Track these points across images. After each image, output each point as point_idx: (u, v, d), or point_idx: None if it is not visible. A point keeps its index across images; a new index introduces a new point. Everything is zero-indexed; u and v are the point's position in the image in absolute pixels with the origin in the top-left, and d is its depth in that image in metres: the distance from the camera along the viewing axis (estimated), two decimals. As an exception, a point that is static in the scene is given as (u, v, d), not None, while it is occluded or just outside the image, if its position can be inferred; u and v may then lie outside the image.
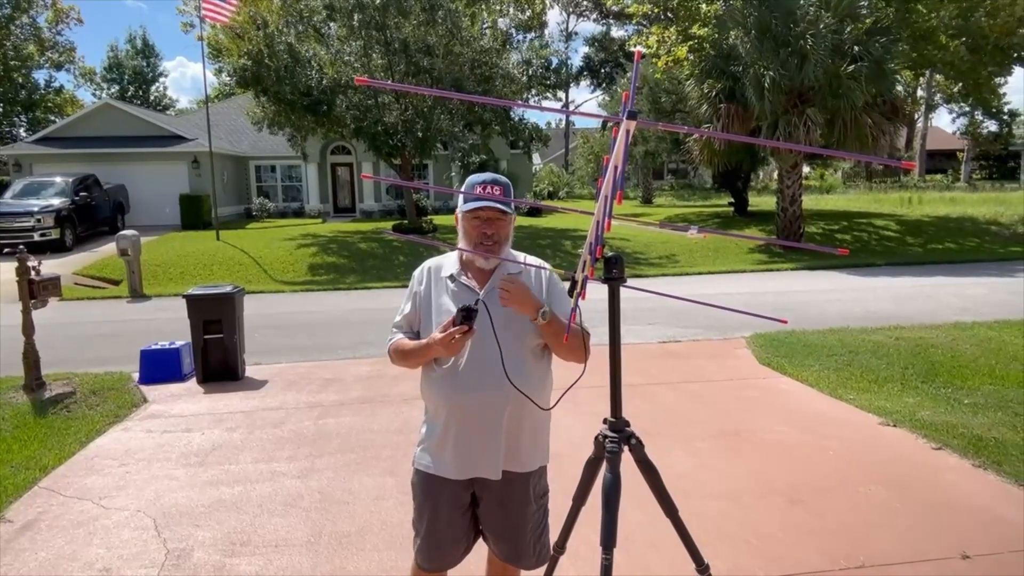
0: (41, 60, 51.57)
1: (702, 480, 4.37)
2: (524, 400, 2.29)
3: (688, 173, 47.29)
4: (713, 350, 8.01)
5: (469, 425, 2.31)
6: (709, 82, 17.83)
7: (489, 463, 2.33)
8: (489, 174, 2.36)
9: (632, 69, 1.99)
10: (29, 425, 5.87)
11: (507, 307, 2.25)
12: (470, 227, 2.31)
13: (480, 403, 2.29)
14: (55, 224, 18.33)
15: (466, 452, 2.33)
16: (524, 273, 2.41)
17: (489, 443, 2.31)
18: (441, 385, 2.33)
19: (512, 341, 2.29)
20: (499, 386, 2.25)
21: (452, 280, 2.37)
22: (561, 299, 2.41)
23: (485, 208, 2.27)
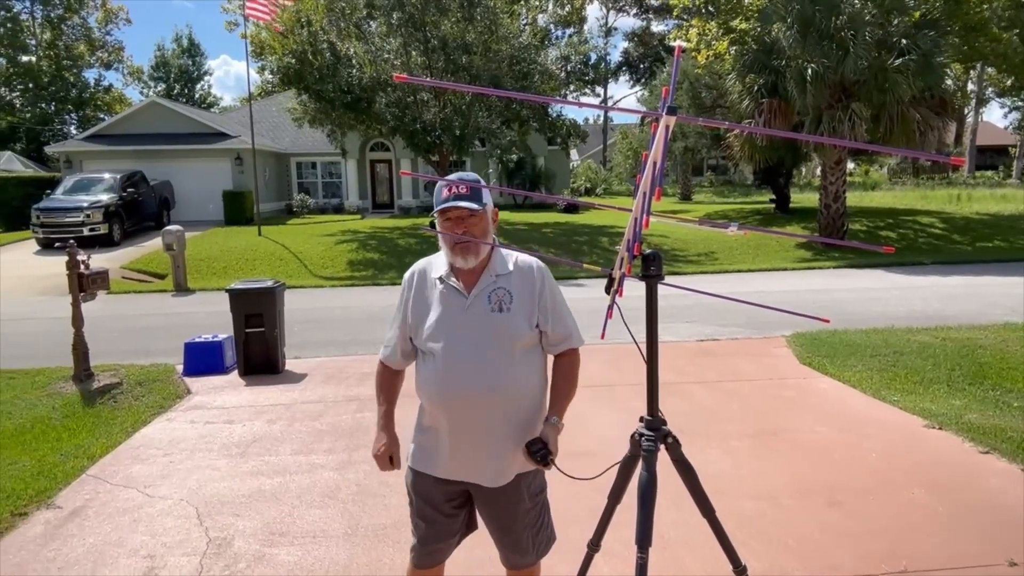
0: (91, 59, 53.08)
1: (738, 480, 4.32)
2: (515, 402, 2.26)
3: (728, 169, 46.66)
4: (752, 349, 7.90)
5: (460, 428, 2.27)
6: (751, 77, 17.55)
7: (483, 470, 2.30)
8: (458, 174, 2.30)
9: (672, 64, 1.97)
10: (78, 414, 6.05)
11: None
12: (443, 229, 2.26)
13: (469, 407, 2.24)
14: (104, 219, 18.82)
15: (458, 455, 2.30)
16: (516, 273, 2.33)
17: (481, 449, 2.27)
18: (431, 385, 2.29)
19: (500, 343, 2.24)
20: (487, 390, 2.22)
21: (441, 282, 2.31)
22: (556, 301, 2.36)
23: (452, 208, 2.22)
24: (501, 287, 2.29)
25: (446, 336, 2.25)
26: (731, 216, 25.01)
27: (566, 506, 3.79)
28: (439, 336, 2.26)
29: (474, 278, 2.29)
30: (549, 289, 2.35)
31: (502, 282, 2.29)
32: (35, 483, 4.47)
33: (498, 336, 2.24)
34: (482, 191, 2.26)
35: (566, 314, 2.40)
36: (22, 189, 23.66)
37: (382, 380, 2.50)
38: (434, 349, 2.26)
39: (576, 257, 17.03)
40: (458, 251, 2.24)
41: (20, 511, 4.10)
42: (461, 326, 2.25)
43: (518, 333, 2.27)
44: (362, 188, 29.61)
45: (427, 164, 21.80)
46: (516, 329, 2.26)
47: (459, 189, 2.22)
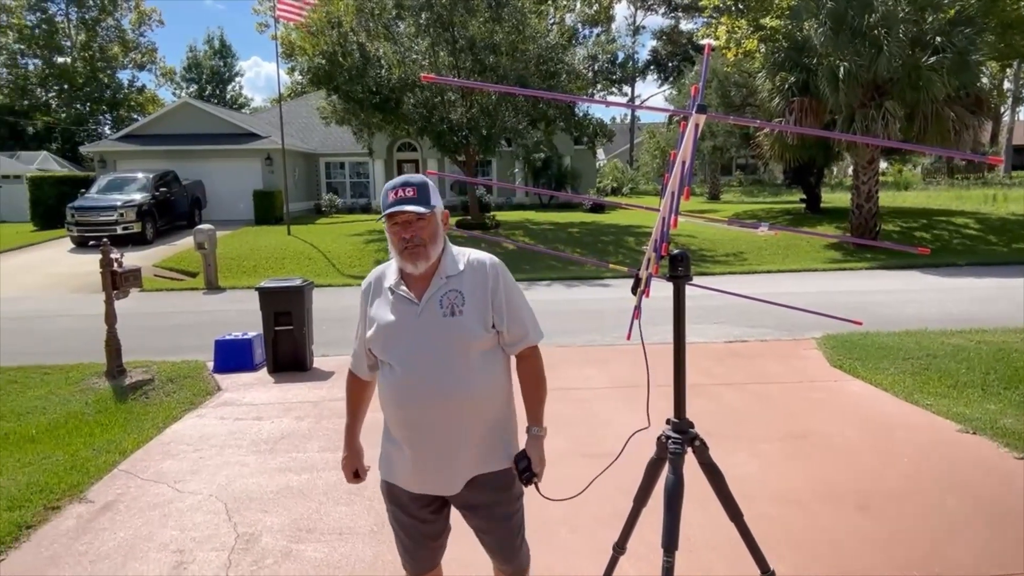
0: (125, 60, 54.09)
1: (766, 483, 4.26)
2: (477, 407, 2.20)
3: (758, 168, 46.18)
4: (781, 351, 7.80)
5: (419, 438, 2.20)
6: (781, 75, 17.34)
7: (442, 480, 2.23)
8: (403, 176, 2.21)
9: (701, 62, 1.95)
10: (110, 410, 6.16)
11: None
12: (391, 235, 2.18)
13: (426, 416, 2.17)
14: (137, 218, 19.15)
15: (419, 466, 2.23)
16: (468, 272, 2.24)
17: (441, 459, 2.20)
18: (389, 396, 2.23)
19: (455, 348, 2.16)
20: (443, 399, 2.15)
21: (391, 292, 2.24)
22: (511, 297, 2.27)
23: (398, 213, 2.13)
24: (453, 289, 2.20)
25: (400, 346, 2.18)
26: (760, 216, 24.74)
27: (591, 508, 3.78)
28: (393, 346, 2.20)
29: (424, 283, 2.20)
30: (504, 286, 2.26)
31: (453, 283, 2.20)
32: (68, 477, 4.55)
33: (452, 341, 2.16)
34: (430, 193, 2.17)
35: (523, 310, 2.31)
36: (57, 188, 24.15)
37: (350, 390, 2.48)
38: (390, 360, 2.21)
39: (602, 257, 16.97)
40: (407, 256, 2.16)
41: (53, 504, 4.18)
42: (414, 334, 2.17)
43: (472, 336, 2.17)
44: (389, 188, 29.74)
45: (453, 164, 21.88)
46: (470, 332, 2.17)
47: (405, 193, 2.15)
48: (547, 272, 15.24)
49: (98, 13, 51.88)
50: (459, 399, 2.16)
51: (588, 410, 5.76)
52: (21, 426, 5.78)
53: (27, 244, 20.24)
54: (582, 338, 8.72)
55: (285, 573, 3.40)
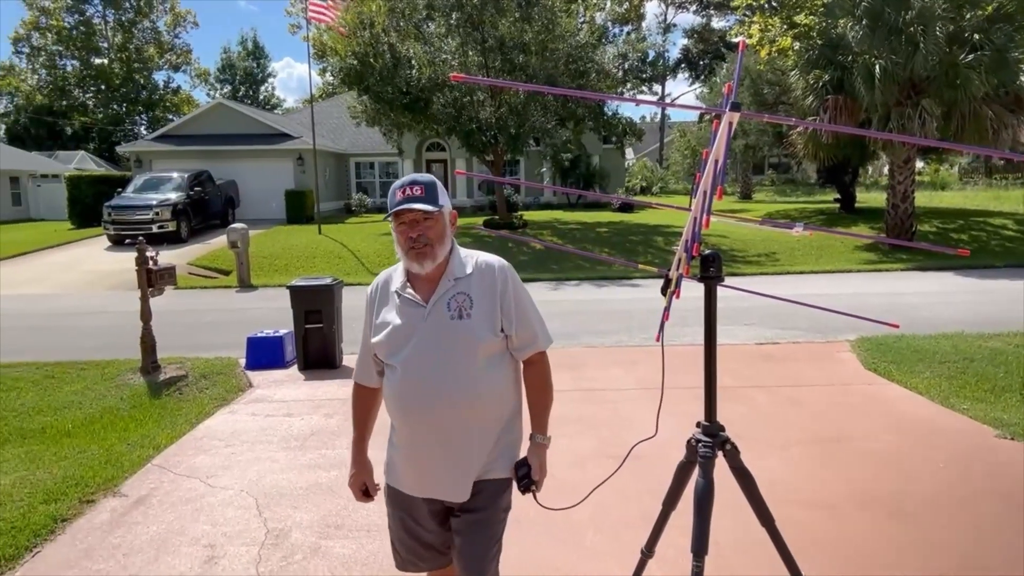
0: (160, 62, 55.11)
1: (797, 488, 4.20)
2: (483, 412, 2.15)
3: (791, 168, 45.59)
4: (814, 353, 7.69)
5: (425, 442, 2.16)
6: (815, 73, 17.09)
7: (449, 486, 2.17)
8: (410, 175, 2.16)
9: (733, 60, 1.92)
10: (145, 405, 6.27)
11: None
12: (397, 234, 2.14)
13: (431, 421, 2.13)
14: (172, 217, 19.47)
15: (425, 471, 2.19)
16: (476, 275, 2.19)
17: (448, 464, 2.15)
18: (394, 400, 2.19)
19: (462, 351, 2.12)
20: (449, 403, 2.10)
21: (398, 295, 2.19)
22: (520, 301, 2.22)
23: (405, 211, 2.09)
24: (461, 292, 2.15)
25: (406, 349, 2.14)
26: (793, 216, 24.41)
27: (619, 511, 3.76)
28: (399, 349, 2.15)
29: (432, 285, 2.16)
30: (513, 289, 2.20)
31: (461, 286, 2.16)
32: (103, 471, 4.64)
33: (460, 345, 2.11)
34: (438, 192, 2.14)
35: (532, 315, 2.25)
36: (94, 187, 24.65)
37: (356, 402, 2.41)
38: (395, 363, 2.16)
39: (631, 257, 16.87)
40: (413, 256, 2.12)
41: (88, 498, 4.26)
42: (421, 337, 2.12)
43: (481, 340, 2.12)
44: (418, 187, 29.91)
45: (482, 164, 21.92)
46: (478, 336, 2.12)
47: (412, 191, 2.10)
48: (575, 272, 15.20)
49: (134, 15, 52.94)
50: (465, 403, 2.11)
51: (615, 411, 5.73)
52: (58, 420, 5.91)
53: (65, 242, 20.70)
54: (610, 339, 8.68)
55: (314, 569, 3.43)
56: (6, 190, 32.74)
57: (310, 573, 3.40)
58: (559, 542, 3.52)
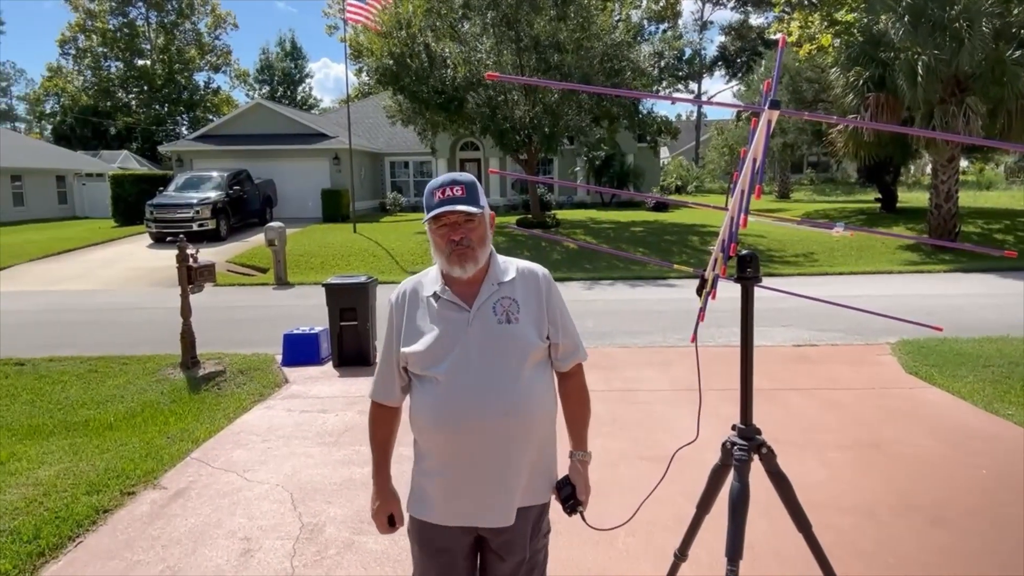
0: (201, 63, 56.21)
1: (835, 493, 4.12)
2: (533, 425, 2.01)
3: (830, 166, 44.80)
4: (853, 356, 7.54)
5: (471, 462, 1.98)
6: (856, 70, 16.77)
7: (498, 510, 2.00)
8: (448, 175, 2.04)
9: (771, 57, 1.89)
10: (184, 400, 6.39)
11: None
12: (437, 237, 2.01)
13: (479, 436, 1.95)
14: (211, 215, 19.82)
15: (469, 495, 2.00)
16: (519, 280, 2.08)
17: (491, 485, 1.99)
18: (432, 415, 1.99)
19: (512, 358, 1.99)
20: (501, 415, 1.94)
21: (436, 298, 2.04)
22: (563, 310, 2.13)
23: (447, 213, 1.97)
24: (506, 296, 2.03)
25: (449, 357, 1.97)
26: (832, 215, 23.99)
27: (652, 513, 3.72)
28: (440, 357, 1.97)
29: (474, 289, 2.03)
30: (556, 296, 2.12)
31: (506, 290, 2.04)
32: (143, 464, 4.74)
33: (509, 350, 1.98)
34: (479, 192, 2.01)
35: (571, 325, 2.16)
36: (137, 186, 25.20)
37: (376, 424, 2.19)
38: (435, 374, 1.97)
39: (665, 257, 16.73)
40: (455, 259, 1.98)
41: (129, 490, 4.36)
42: (465, 343, 1.97)
43: (530, 345, 2.01)
44: (452, 186, 30.09)
45: (515, 163, 21.92)
46: (528, 341, 2.00)
47: (453, 191, 1.98)
48: (608, 272, 15.12)
49: (176, 17, 54.06)
50: (518, 415, 1.97)
51: (648, 412, 5.68)
52: (101, 414, 6.06)
53: (108, 240, 21.20)
54: (644, 339, 8.62)
55: (347, 564, 3.46)
56: (52, 189, 33.68)
57: (343, 568, 3.44)
58: (591, 543, 3.50)
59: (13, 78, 72.57)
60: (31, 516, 3.94)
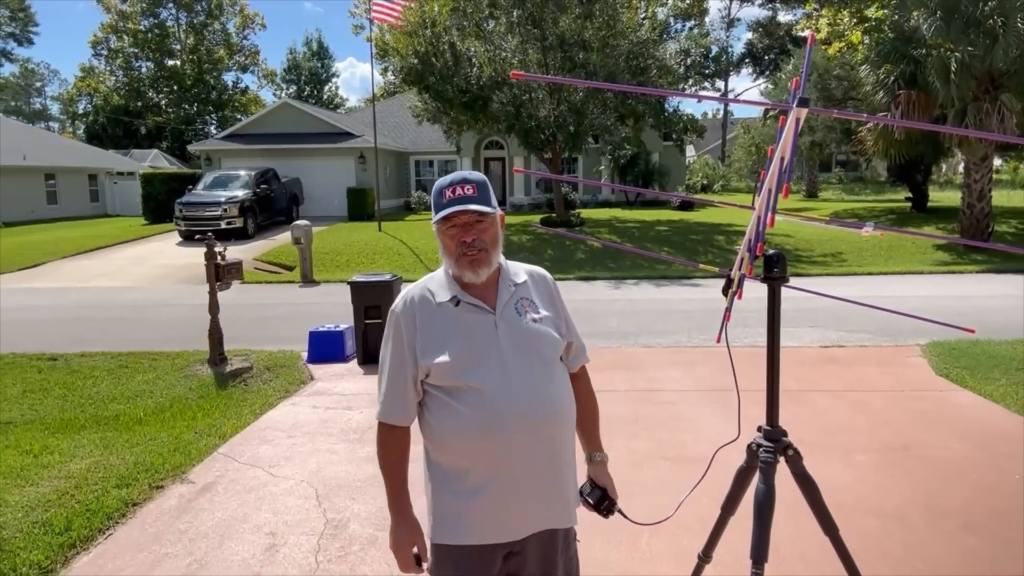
0: (229, 63, 56.92)
1: (862, 496, 4.06)
2: (568, 424, 1.98)
3: (859, 165, 44.17)
4: (882, 357, 7.43)
5: (523, 469, 1.87)
6: (886, 67, 16.51)
7: (557, 509, 1.95)
8: (458, 173, 1.94)
9: (799, 54, 1.87)
10: (212, 396, 6.48)
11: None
12: (447, 239, 1.90)
13: (527, 441, 1.86)
14: (239, 214, 20.05)
15: (525, 503, 1.89)
16: (531, 281, 2.03)
17: (552, 486, 1.93)
18: (474, 427, 1.84)
19: (546, 356, 1.94)
20: (547, 416, 1.89)
21: (455, 303, 1.91)
22: (567, 310, 2.09)
23: (459, 213, 1.86)
24: (523, 296, 1.97)
25: (484, 362, 1.86)
26: (862, 215, 23.66)
27: (676, 514, 3.70)
28: (474, 365, 1.86)
29: (491, 291, 1.94)
30: (561, 297, 2.09)
31: (522, 291, 1.98)
32: (172, 458, 4.81)
33: (540, 349, 1.92)
34: (490, 192, 1.92)
35: (574, 326, 2.12)
36: (167, 185, 25.58)
37: (388, 447, 2.03)
38: (472, 382, 1.85)
39: (691, 256, 16.62)
40: (466, 263, 1.87)
41: (157, 484, 4.43)
42: (498, 347, 1.88)
43: (557, 342, 1.97)
44: (476, 185, 30.17)
45: (539, 161, 21.90)
46: (555, 338, 1.97)
47: (464, 190, 1.87)
48: (633, 271, 15.05)
49: (205, 17, 54.80)
50: (562, 415, 1.94)
51: (672, 412, 5.65)
52: (131, 408, 6.16)
53: (138, 237, 21.54)
54: (668, 339, 8.57)
55: (371, 560, 3.49)
56: (85, 187, 34.32)
57: (367, 564, 3.46)
58: (614, 544, 3.49)
59: (47, 79, 74.20)
60: (63, 508, 4.01)
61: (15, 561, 3.43)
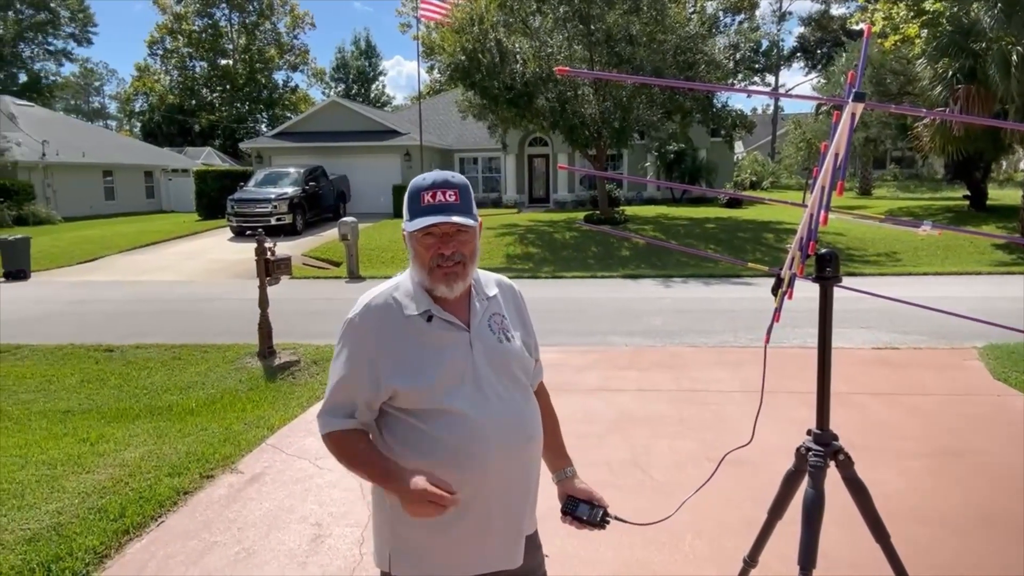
0: (280, 62, 58.01)
1: (913, 503, 3.95)
2: (540, 448, 1.87)
3: (915, 162, 42.88)
4: (937, 360, 7.21)
5: (498, 497, 1.74)
6: (944, 61, 16.00)
7: (512, 548, 1.82)
8: (439, 174, 1.74)
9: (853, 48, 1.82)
10: (261, 388, 6.61)
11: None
12: (420, 247, 1.72)
13: (509, 465, 1.74)
14: (288, 210, 20.45)
15: (499, 532, 1.77)
16: (500, 294, 1.91)
17: (510, 520, 1.79)
18: (455, 452, 1.68)
19: (518, 377, 1.82)
20: (527, 440, 1.78)
21: (428, 319, 1.73)
22: (531, 323, 1.97)
23: (438, 224, 1.68)
24: (496, 312, 1.84)
25: (461, 385, 1.71)
26: (917, 213, 22.99)
27: (720, 516, 3.65)
28: (452, 387, 1.70)
29: (463, 305, 1.78)
30: (528, 310, 1.97)
31: (493, 306, 1.84)
32: (222, 449, 4.92)
33: (514, 369, 1.80)
34: (472, 199, 1.74)
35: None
36: (219, 182, 26.20)
37: (344, 445, 1.78)
38: (451, 406, 1.69)
39: (738, 255, 16.35)
40: (440, 276, 1.70)
41: (208, 473, 4.54)
42: (472, 367, 1.73)
43: (528, 362, 1.86)
44: (519, 182, 30.21)
45: (584, 158, 21.80)
46: (527, 359, 1.85)
47: (446, 197, 1.69)
48: (678, 269, 14.87)
49: (257, 17, 55.93)
50: (537, 438, 1.83)
51: (717, 414, 5.56)
52: (183, 399, 6.33)
53: (191, 233, 22.11)
54: (714, 338, 8.45)
55: (413, 555, 3.51)
56: (141, 184, 35.38)
57: (409, 558, 3.48)
58: (656, 545, 3.45)
59: (105, 78, 76.66)
60: (117, 495, 4.14)
61: (71, 546, 3.55)
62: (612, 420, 5.39)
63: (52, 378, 7.23)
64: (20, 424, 5.78)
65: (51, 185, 29.15)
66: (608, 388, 6.30)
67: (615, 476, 4.26)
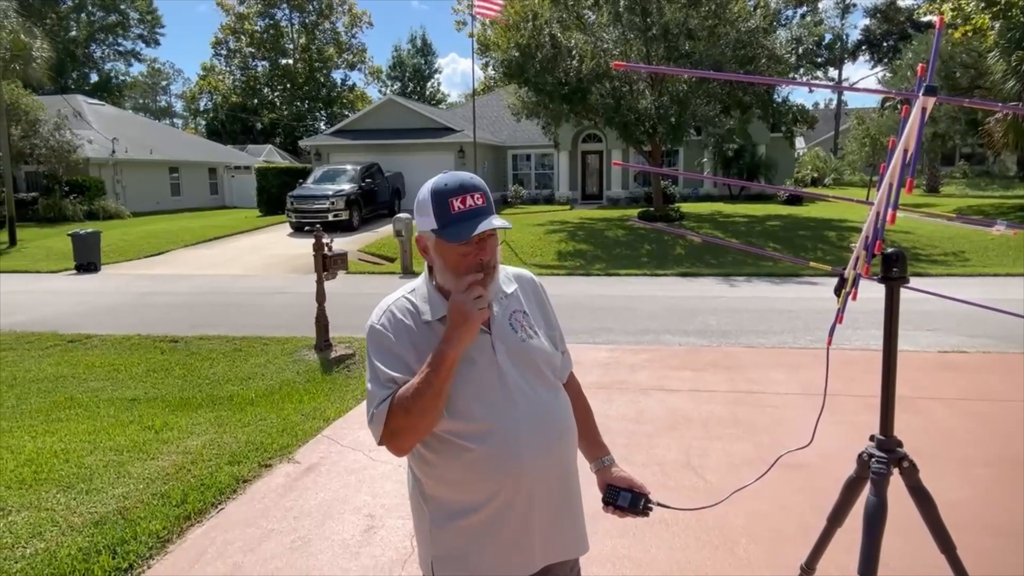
0: (338, 61, 58.98)
1: (979, 512, 3.79)
2: (575, 443, 1.86)
3: (986, 159, 41.16)
4: (1007, 365, 6.90)
5: (539, 497, 1.72)
6: (1018, 54, 15.33)
7: (574, 538, 1.83)
8: (455, 177, 1.67)
9: (920, 40, 1.74)
10: (317, 380, 6.74)
11: None
12: (455, 255, 1.65)
13: (542, 468, 1.71)
14: (345, 207, 20.80)
15: (540, 532, 1.74)
16: (520, 289, 1.86)
17: (566, 512, 1.80)
18: (488, 458, 1.66)
19: (546, 375, 1.78)
20: (558, 438, 1.75)
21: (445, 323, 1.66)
22: (554, 315, 1.93)
23: (489, 233, 1.63)
24: (515, 309, 1.79)
25: (489, 392, 1.68)
26: (987, 211, 22.07)
27: (775, 522, 3.57)
28: (480, 395, 1.67)
29: None
30: (550, 302, 1.92)
31: (513, 303, 1.80)
32: (280, 439, 5.04)
33: (540, 367, 1.76)
34: (491, 197, 1.69)
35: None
36: (279, 178, 26.81)
37: (403, 396, 1.62)
38: (480, 416, 1.66)
39: (799, 253, 15.96)
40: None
41: (266, 463, 4.65)
42: (498, 370, 1.69)
43: (553, 357, 1.82)
44: (572, 179, 30.09)
45: (638, 154, 21.56)
46: (551, 353, 1.81)
47: (476, 200, 1.62)
48: (736, 267, 14.60)
49: (316, 17, 57.00)
50: (569, 433, 1.81)
51: (774, 417, 5.44)
52: (243, 390, 6.50)
53: (253, 228, 22.70)
54: (773, 339, 8.27)
55: (464, 549, 3.53)
56: (205, 180, 36.49)
57: (460, 552, 3.51)
58: (710, 547, 3.40)
59: (172, 78, 79.22)
60: (179, 482, 4.28)
61: (136, 530, 3.69)
62: (665, 420, 5.32)
63: (120, 367, 7.51)
64: (89, 411, 6.03)
65: (120, 181, 30.28)
66: (661, 387, 6.23)
67: (667, 477, 4.21)
